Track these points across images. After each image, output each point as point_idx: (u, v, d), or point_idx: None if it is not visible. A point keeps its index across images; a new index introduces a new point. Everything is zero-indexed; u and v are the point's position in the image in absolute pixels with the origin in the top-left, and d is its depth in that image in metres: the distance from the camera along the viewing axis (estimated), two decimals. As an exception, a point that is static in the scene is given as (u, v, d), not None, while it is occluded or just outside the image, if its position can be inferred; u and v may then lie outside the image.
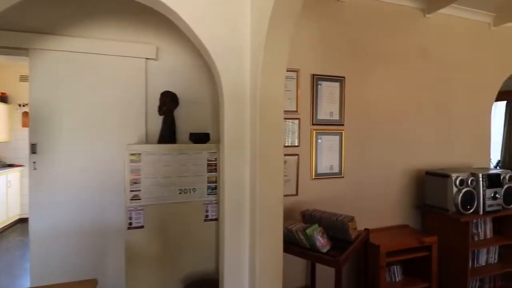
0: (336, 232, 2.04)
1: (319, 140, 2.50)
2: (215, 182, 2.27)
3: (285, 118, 2.37)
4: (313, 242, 1.83)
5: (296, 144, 2.42)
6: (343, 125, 2.58)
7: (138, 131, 2.38)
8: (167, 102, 2.38)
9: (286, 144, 2.38)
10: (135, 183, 2.07)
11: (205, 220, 2.23)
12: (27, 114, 4.44)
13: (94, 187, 2.23)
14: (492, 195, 2.55)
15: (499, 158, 5.18)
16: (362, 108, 2.66)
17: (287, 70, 2.38)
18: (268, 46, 1.53)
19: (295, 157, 2.40)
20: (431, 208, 2.69)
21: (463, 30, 3.09)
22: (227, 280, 1.76)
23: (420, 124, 2.92)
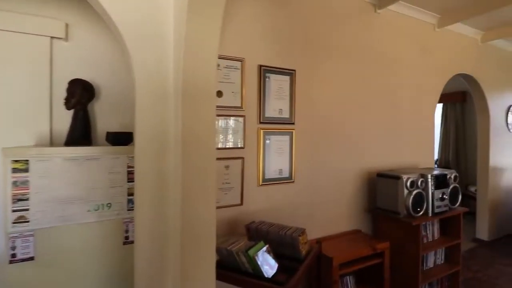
0: (285, 249, 1.74)
1: (267, 141, 2.19)
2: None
3: (227, 115, 2.02)
4: (256, 265, 1.50)
5: (240, 146, 2.07)
6: (293, 124, 2.31)
7: (39, 129, 1.82)
8: (77, 93, 1.86)
9: (228, 146, 2.03)
10: (20, 199, 1.52)
11: (124, 243, 1.76)
12: None
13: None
14: (440, 196, 2.52)
15: (436, 157, 5.52)
16: (313, 105, 2.43)
17: (230, 59, 2.05)
18: (190, 35, 1.26)
19: (239, 160, 2.06)
20: (382, 212, 2.57)
21: (411, 30, 3.06)
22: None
23: (371, 124, 2.81)
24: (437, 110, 5.25)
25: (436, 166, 5.42)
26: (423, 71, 3.18)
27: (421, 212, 2.42)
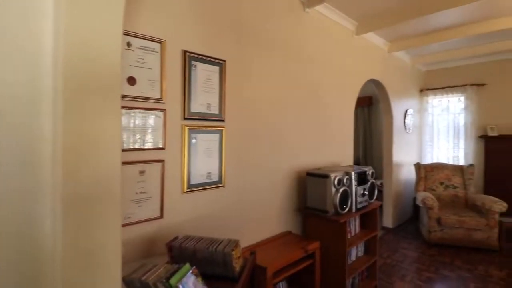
0: (216, 268, 1.48)
1: (193, 140, 1.88)
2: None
3: (143, 108, 1.63)
4: (181, 296, 1.20)
5: (160, 146, 1.71)
6: (223, 121, 2.06)
7: None
8: None
9: (145, 147, 1.64)
10: None
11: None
12: None
13: None
14: (362, 192, 2.65)
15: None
16: (244, 101, 2.23)
17: (146, 39, 1.66)
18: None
19: (159, 164, 1.69)
20: (311, 211, 2.56)
21: (334, 33, 3.17)
22: None
23: (301, 123, 2.78)
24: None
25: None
26: (345, 74, 3.36)
27: (346, 209, 2.49)
